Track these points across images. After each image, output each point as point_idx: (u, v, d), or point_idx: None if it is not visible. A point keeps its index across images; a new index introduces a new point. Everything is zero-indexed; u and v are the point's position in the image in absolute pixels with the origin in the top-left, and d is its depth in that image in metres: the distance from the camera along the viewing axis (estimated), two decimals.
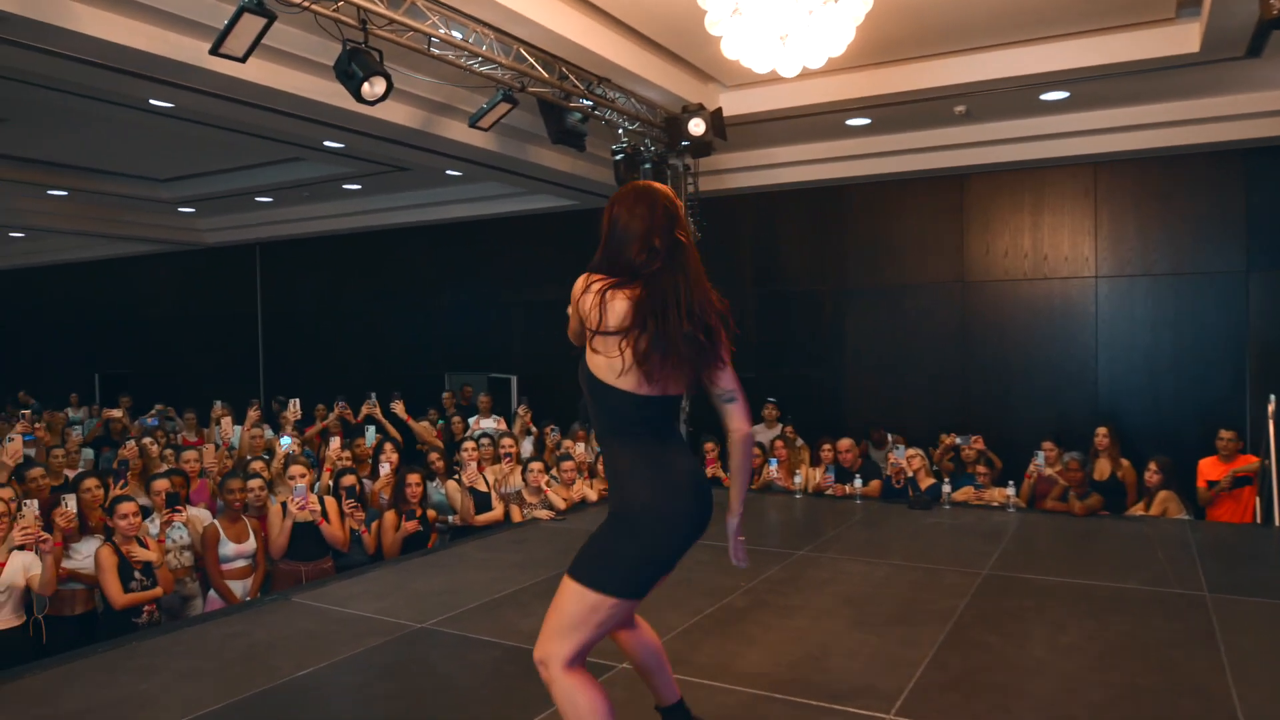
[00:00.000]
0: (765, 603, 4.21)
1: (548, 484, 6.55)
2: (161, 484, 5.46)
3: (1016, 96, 7.19)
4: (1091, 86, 6.92)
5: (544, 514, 6.31)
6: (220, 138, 8.36)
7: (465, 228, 11.62)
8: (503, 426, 7.67)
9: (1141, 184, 8.10)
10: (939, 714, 2.97)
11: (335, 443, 6.37)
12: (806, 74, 7.22)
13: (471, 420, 8.03)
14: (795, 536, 5.63)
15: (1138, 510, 6.46)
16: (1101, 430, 7.08)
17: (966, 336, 8.86)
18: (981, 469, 6.77)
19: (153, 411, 9.78)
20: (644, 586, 2.25)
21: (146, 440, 6.86)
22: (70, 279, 15.47)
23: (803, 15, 3.80)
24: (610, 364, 2.17)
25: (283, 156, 9.75)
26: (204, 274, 14.12)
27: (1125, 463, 6.99)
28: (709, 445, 7.84)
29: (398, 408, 7.37)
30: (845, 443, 7.40)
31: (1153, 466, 6.41)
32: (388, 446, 6.47)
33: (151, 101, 6.81)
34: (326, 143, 8.42)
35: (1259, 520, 6.36)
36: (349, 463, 6.45)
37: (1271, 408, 6.29)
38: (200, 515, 5.63)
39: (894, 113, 7.72)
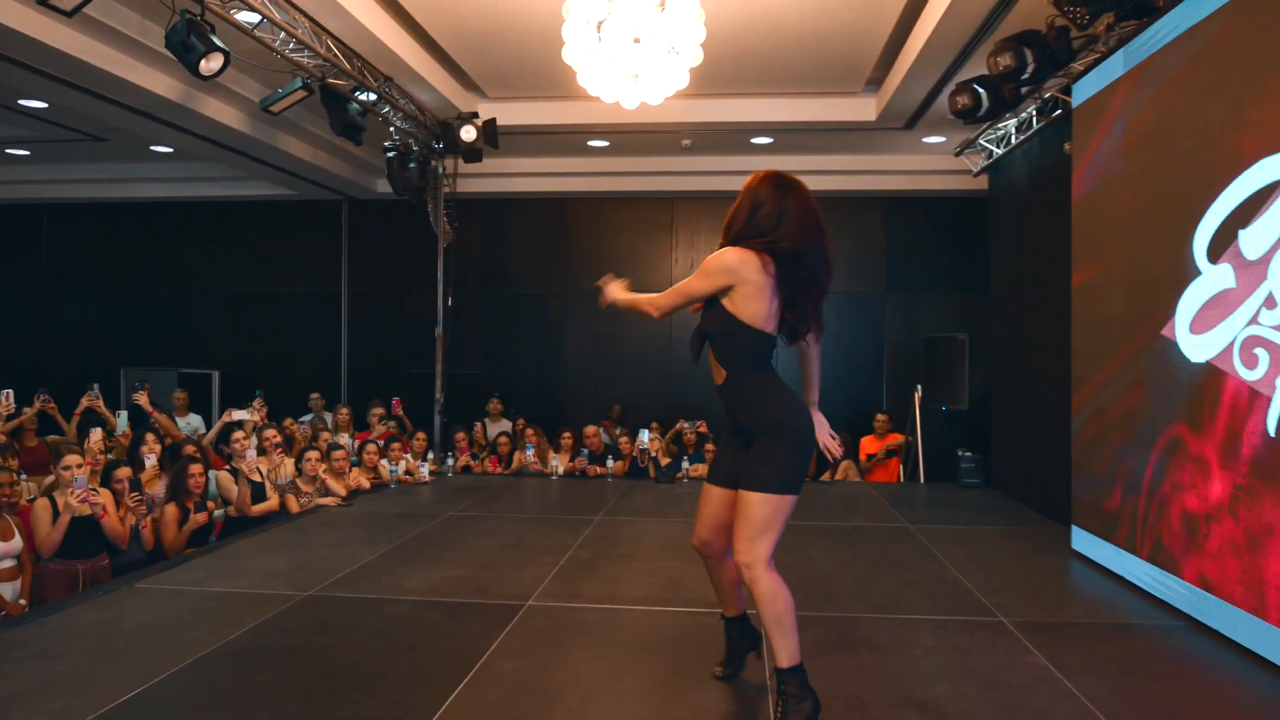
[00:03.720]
0: (603, 554, 4.88)
1: (325, 472, 6.57)
2: None
3: (732, 137, 8.60)
4: (790, 137, 8.52)
5: (330, 500, 6.33)
6: None
7: (156, 209, 10.65)
8: (256, 417, 7.38)
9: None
10: (812, 603, 3.88)
11: (98, 433, 5.82)
12: (562, 96, 8.11)
13: (229, 412, 7.57)
14: (583, 508, 6.33)
15: (826, 478, 8.11)
16: None
17: (672, 339, 10.18)
18: (711, 447, 8.00)
19: None
20: (801, 484, 2.71)
21: None
22: None
23: (657, 57, 4.56)
24: (756, 312, 2.64)
25: None
26: None
27: None
28: (459, 435, 8.30)
29: (142, 399, 6.80)
30: (591, 429, 8.26)
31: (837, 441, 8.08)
32: (149, 437, 6.04)
33: None
34: (25, 101, 7.45)
35: (903, 480, 8.33)
36: (103, 456, 5.92)
37: (918, 396, 8.26)
38: None
39: (631, 139, 8.77)
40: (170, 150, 9.13)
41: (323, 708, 2.78)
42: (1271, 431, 3.30)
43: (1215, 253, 3.71)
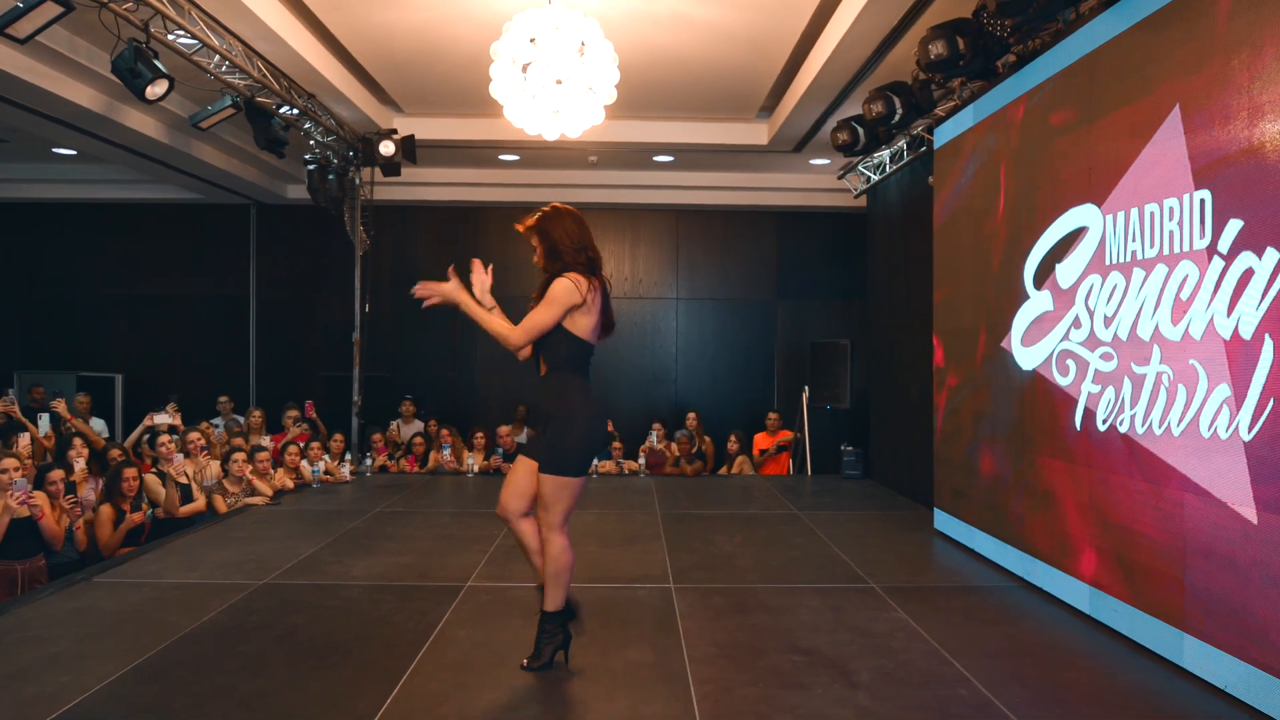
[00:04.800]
0: None
1: (252, 473, 6.84)
2: None
3: (636, 155, 9.22)
4: (689, 155, 9.20)
5: (259, 500, 6.62)
6: None
7: (52, 210, 10.52)
8: (177, 421, 7.55)
9: (709, 229, 10.73)
10: (699, 580, 4.52)
11: (26, 438, 5.96)
12: (476, 114, 8.55)
13: (150, 416, 7.71)
14: None
15: (723, 471, 8.83)
16: (691, 415, 9.41)
17: None
18: (616, 445, 8.59)
19: None
20: (585, 468, 3.23)
21: None
22: None
23: (577, 96, 5.10)
24: (584, 325, 3.20)
25: None
26: None
27: (707, 439, 9.38)
28: (376, 436, 8.65)
29: (59, 406, 6.91)
30: (504, 429, 8.73)
31: (733, 438, 8.83)
32: (77, 441, 6.21)
33: None
34: None
35: (793, 472, 9.13)
36: (30, 460, 6.06)
37: (805, 396, 9.07)
38: None
39: (540, 154, 9.27)
40: (74, 153, 9.10)
41: (308, 670, 3.22)
42: (1078, 427, 4.13)
43: (1039, 280, 4.53)
